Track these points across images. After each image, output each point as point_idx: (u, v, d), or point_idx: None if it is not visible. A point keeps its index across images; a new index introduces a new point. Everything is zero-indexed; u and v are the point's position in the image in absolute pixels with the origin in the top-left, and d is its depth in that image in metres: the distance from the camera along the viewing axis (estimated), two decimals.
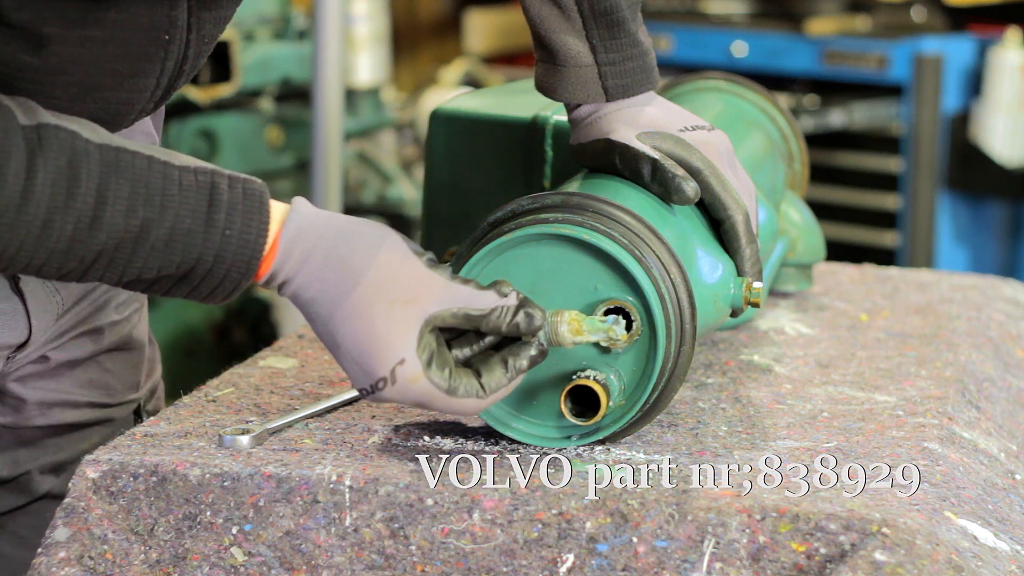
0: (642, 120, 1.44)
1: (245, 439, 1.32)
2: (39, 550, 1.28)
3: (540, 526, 1.23)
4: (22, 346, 1.43)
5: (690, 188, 1.40)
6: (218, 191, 1.21)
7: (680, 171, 1.41)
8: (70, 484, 1.29)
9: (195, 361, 3.80)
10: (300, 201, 1.25)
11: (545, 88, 1.48)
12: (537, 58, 1.49)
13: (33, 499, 1.51)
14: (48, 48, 1.23)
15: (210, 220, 1.21)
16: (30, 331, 1.42)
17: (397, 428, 1.37)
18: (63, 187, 1.16)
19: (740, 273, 1.43)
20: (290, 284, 1.24)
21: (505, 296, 1.26)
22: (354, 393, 1.44)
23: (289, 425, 1.37)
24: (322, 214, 1.25)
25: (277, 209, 1.24)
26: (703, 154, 1.43)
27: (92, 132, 1.19)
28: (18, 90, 1.23)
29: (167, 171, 1.20)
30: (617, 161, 1.43)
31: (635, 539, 1.21)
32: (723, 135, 1.47)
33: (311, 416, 1.39)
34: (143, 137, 1.47)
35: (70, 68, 1.25)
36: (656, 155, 1.41)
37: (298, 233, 1.24)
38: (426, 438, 1.35)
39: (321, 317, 1.24)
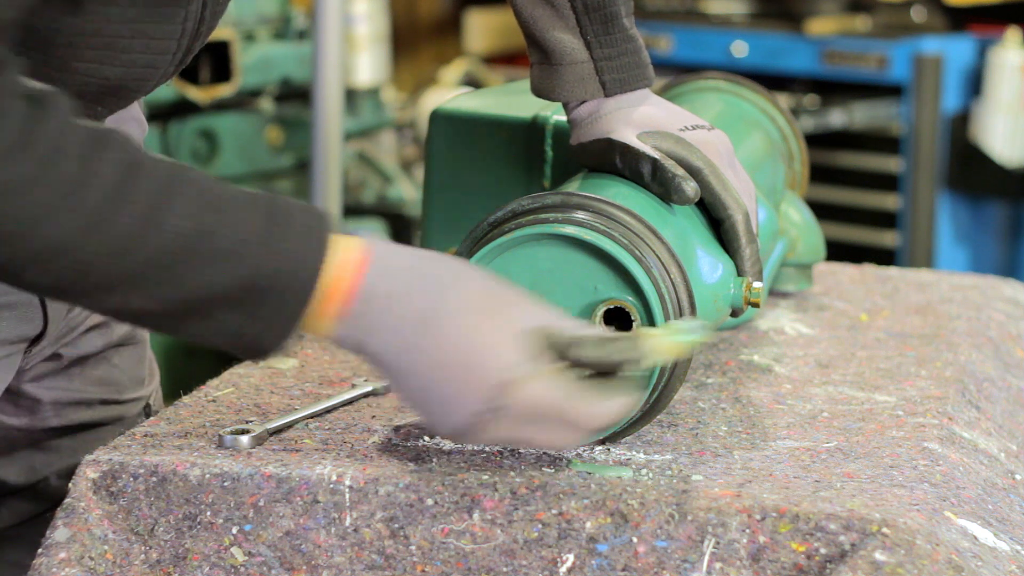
0: (642, 120, 1.45)
1: (245, 439, 1.32)
2: (39, 551, 1.28)
3: (540, 526, 1.23)
4: (37, 339, 1.43)
5: (690, 188, 1.40)
6: (277, 205, 1.16)
7: (680, 171, 1.41)
8: (70, 484, 1.30)
9: (195, 361, 3.80)
10: (377, 239, 1.19)
11: (542, 90, 1.48)
12: (532, 61, 1.48)
13: (50, 506, 1.50)
14: (84, 6, 1.23)
15: (269, 231, 1.15)
16: (45, 323, 1.42)
17: (397, 428, 1.37)
18: (122, 178, 1.11)
19: (740, 273, 1.43)
20: (373, 315, 1.16)
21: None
22: (354, 393, 1.44)
23: (289, 425, 1.37)
24: (402, 252, 1.20)
25: (355, 243, 1.18)
26: (703, 153, 1.43)
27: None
28: (55, 56, 1.23)
29: (226, 185, 1.16)
30: (617, 161, 1.43)
31: (635, 539, 1.21)
32: (723, 135, 1.48)
33: (311, 416, 1.39)
34: (135, 124, 1.47)
35: (104, 28, 1.24)
36: (656, 155, 1.41)
37: (384, 271, 1.17)
38: (426, 438, 1.35)
39: (407, 347, 1.17)
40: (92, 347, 1.51)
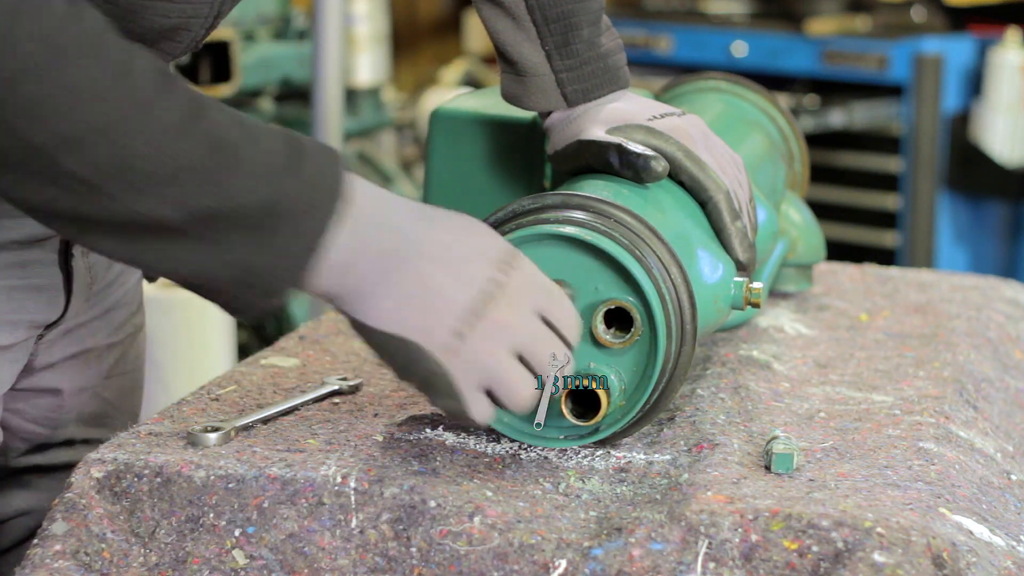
0: (610, 116, 1.46)
1: (213, 437, 1.31)
2: (35, 540, 1.28)
3: (536, 530, 1.23)
4: (51, 326, 1.42)
5: (659, 165, 1.41)
6: (297, 139, 1.17)
7: (647, 151, 1.41)
8: (71, 479, 1.30)
9: None
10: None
11: (511, 98, 1.51)
12: (501, 69, 1.51)
13: None
14: None
15: (290, 157, 1.15)
16: (65, 309, 1.41)
17: (399, 423, 1.37)
18: (162, 79, 1.11)
19: (729, 252, 1.43)
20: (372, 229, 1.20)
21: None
22: (325, 390, 1.44)
23: (263, 421, 1.36)
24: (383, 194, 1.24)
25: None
26: (676, 139, 1.44)
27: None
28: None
29: (248, 118, 1.17)
30: (589, 158, 1.44)
31: (630, 542, 1.21)
32: (695, 118, 1.48)
33: (282, 413, 1.38)
34: None
35: None
36: (620, 140, 1.43)
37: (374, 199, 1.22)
38: (428, 431, 1.35)
39: (403, 248, 1.23)
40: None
